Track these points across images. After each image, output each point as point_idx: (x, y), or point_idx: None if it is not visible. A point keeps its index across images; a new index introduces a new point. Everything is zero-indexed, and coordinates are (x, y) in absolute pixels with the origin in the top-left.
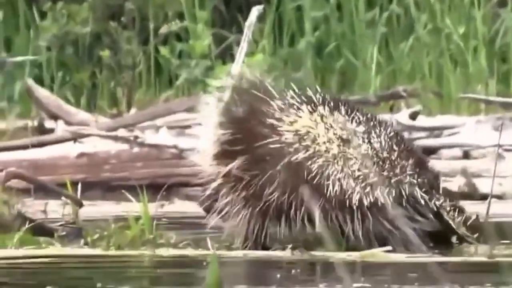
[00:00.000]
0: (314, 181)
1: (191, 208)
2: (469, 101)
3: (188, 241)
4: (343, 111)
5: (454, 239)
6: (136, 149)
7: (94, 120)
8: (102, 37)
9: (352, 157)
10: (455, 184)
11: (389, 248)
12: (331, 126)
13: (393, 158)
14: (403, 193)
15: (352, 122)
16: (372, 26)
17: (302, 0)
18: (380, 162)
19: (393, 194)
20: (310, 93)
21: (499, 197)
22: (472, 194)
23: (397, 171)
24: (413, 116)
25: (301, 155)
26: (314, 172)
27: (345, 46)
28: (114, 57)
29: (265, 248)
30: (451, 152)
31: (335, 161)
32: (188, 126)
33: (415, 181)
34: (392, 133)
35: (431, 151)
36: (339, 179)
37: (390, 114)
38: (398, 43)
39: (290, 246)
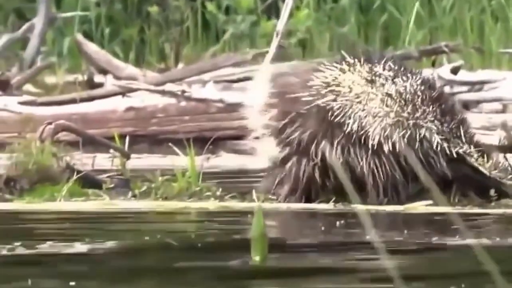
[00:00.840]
0: (336, 120)
1: (237, 160)
2: (509, 56)
3: (233, 193)
4: (374, 60)
5: (492, 192)
6: (183, 103)
7: (142, 75)
8: None
9: (374, 96)
10: (495, 137)
11: (431, 202)
12: (357, 70)
13: (416, 102)
14: (417, 137)
15: (380, 67)
16: None
17: None
18: (402, 103)
19: (407, 136)
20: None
21: None
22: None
23: (418, 114)
24: (455, 71)
25: (326, 99)
26: (337, 112)
27: (388, 2)
28: (162, 13)
29: (309, 200)
30: (492, 106)
31: (358, 100)
32: (234, 81)
33: (434, 127)
34: (420, 81)
35: (471, 105)
36: (360, 117)
37: (432, 68)
38: None
39: (333, 199)
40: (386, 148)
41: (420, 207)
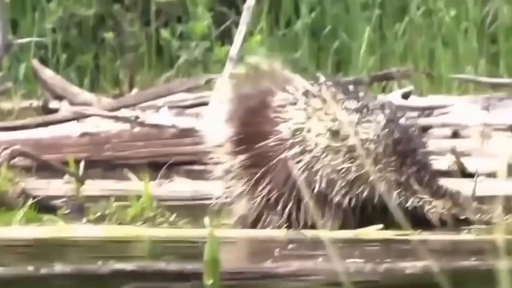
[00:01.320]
0: (303, 177)
1: (190, 185)
2: (459, 81)
3: (187, 219)
4: (339, 100)
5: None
6: (137, 129)
7: (97, 100)
8: (106, 19)
9: (338, 150)
10: (444, 162)
11: (381, 225)
12: (322, 119)
13: (378, 152)
14: (376, 193)
15: (346, 110)
16: (367, 8)
17: None
18: (364, 155)
19: (366, 192)
20: (308, 83)
21: (488, 175)
22: (460, 173)
23: (380, 166)
24: (406, 96)
25: (292, 151)
26: (302, 169)
27: (340, 28)
28: (117, 39)
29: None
30: (441, 131)
31: (324, 155)
32: (188, 106)
33: (393, 178)
34: (384, 121)
35: (422, 130)
36: (326, 174)
37: (383, 94)
38: (392, 25)
39: (285, 225)
40: (345, 205)
41: (372, 232)
